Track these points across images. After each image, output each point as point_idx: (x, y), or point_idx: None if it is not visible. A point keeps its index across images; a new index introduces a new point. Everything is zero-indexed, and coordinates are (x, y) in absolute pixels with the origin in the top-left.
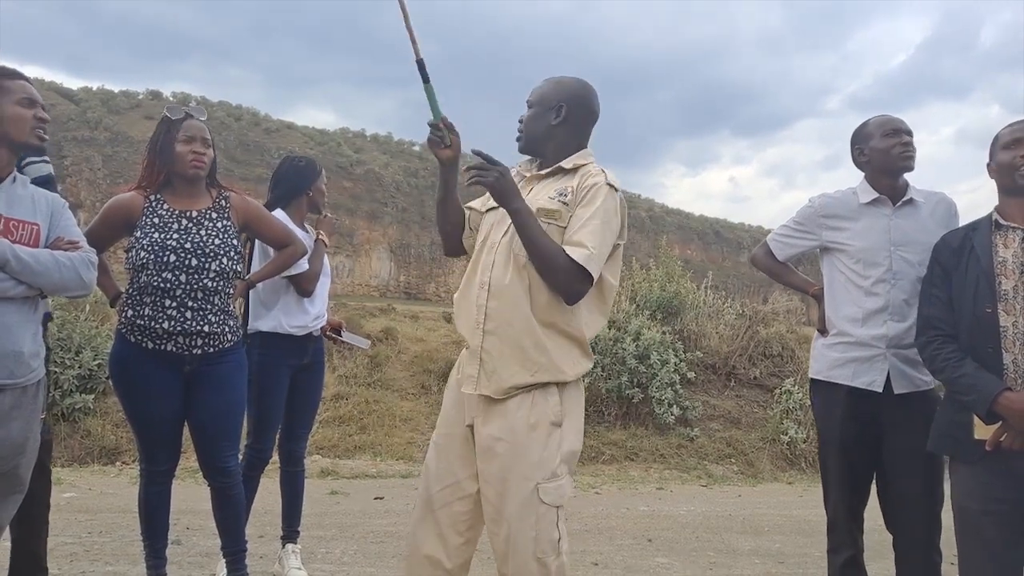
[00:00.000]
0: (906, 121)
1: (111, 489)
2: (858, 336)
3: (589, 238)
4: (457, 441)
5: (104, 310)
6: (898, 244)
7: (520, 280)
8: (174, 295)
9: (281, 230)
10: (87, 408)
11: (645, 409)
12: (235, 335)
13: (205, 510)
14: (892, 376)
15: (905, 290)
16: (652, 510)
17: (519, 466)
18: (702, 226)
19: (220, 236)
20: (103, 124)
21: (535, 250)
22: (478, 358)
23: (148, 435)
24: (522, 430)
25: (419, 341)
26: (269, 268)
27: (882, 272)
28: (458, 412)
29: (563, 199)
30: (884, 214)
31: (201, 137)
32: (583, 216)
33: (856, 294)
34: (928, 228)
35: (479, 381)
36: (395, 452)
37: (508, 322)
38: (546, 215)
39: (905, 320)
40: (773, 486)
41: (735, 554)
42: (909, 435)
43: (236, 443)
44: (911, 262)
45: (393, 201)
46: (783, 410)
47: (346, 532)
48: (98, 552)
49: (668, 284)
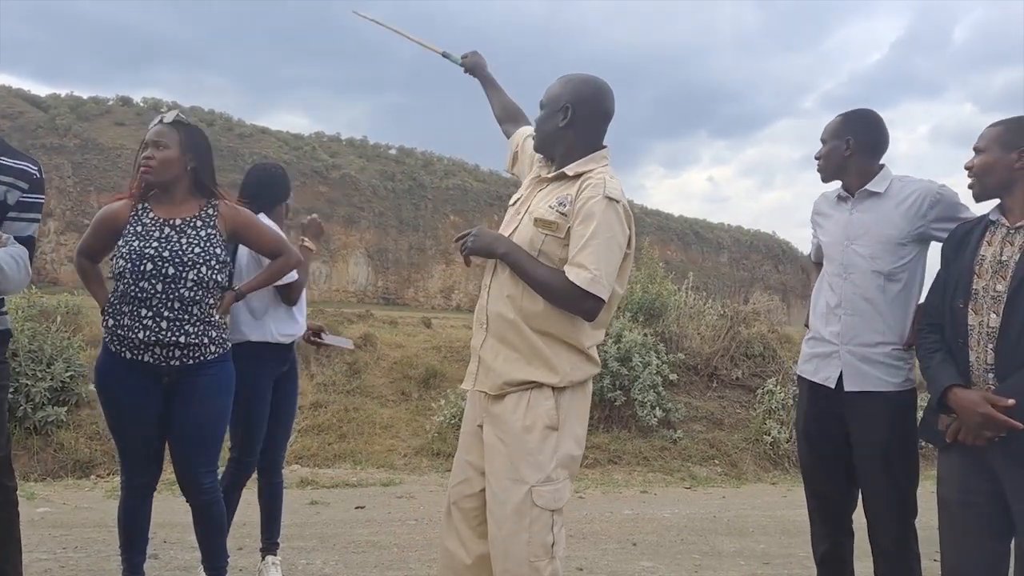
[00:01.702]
0: (823, 128)
1: (86, 503)
2: (821, 333)
3: (590, 260)
4: (472, 438)
5: (76, 320)
6: (852, 238)
7: (515, 288)
8: (150, 304)
9: (274, 239)
10: (59, 421)
11: (628, 412)
12: (219, 346)
13: (183, 523)
14: (844, 373)
15: (858, 284)
16: (636, 513)
17: (514, 468)
18: (682, 227)
19: (201, 245)
20: (72, 131)
21: (532, 283)
22: (478, 357)
23: (127, 447)
24: (517, 432)
25: (398, 347)
26: (262, 278)
27: (837, 267)
28: (472, 411)
29: (562, 209)
30: (846, 209)
31: (152, 141)
32: (583, 235)
33: (824, 289)
34: (891, 220)
35: (477, 377)
36: (375, 460)
37: (504, 326)
38: (544, 226)
39: (861, 316)
40: (757, 487)
41: (720, 556)
42: (870, 434)
43: (213, 458)
44: (862, 255)
45: (370, 205)
46: (766, 410)
47: (327, 542)
48: (73, 568)
49: (649, 286)
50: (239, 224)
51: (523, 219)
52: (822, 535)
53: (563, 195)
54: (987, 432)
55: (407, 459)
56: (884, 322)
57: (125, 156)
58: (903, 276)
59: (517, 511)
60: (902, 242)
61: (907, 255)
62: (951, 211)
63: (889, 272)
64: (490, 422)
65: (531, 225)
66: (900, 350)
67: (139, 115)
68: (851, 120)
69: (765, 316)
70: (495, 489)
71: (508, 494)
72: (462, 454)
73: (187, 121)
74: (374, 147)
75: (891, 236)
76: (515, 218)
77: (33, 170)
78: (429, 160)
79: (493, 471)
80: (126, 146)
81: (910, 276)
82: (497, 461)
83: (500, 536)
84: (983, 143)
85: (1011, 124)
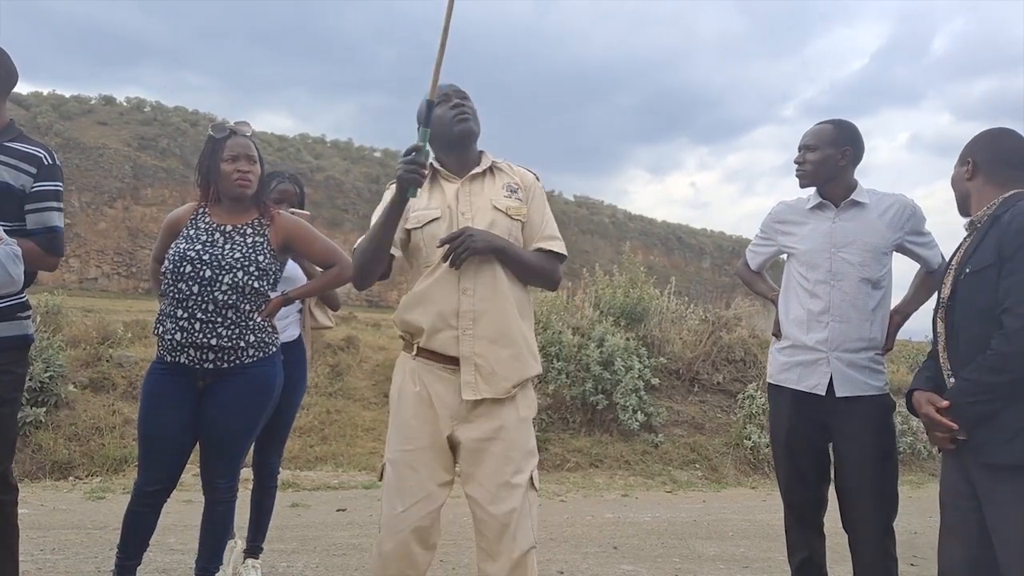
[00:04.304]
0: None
1: (64, 505)
2: (803, 340)
3: (555, 230)
4: (427, 454)
5: (56, 320)
6: (839, 246)
7: (502, 282)
8: (186, 306)
9: (326, 249)
10: (38, 422)
11: (610, 415)
12: (259, 349)
13: (163, 525)
14: (835, 379)
15: (847, 291)
16: (617, 517)
17: (515, 460)
18: (665, 232)
19: (242, 250)
20: (54, 130)
21: (527, 268)
22: (472, 364)
23: (148, 448)
24: (514, 425)
25: (381, 350)
26: (314, 287)
27: (822, 274)
28: (424, 424)
29: (518, 195)
30: (828, 217)
31: (246, 155)
32: (542, 211)
33: (803, 296)
34: (876, 229)
35: (478, 387)
36: (357, 463)
37: (499, 323)
38: (516, 212)
39: (848, 322)
40: (737, 491)
41: (700, 560)
42: (858, 438)
43: (233, 463)
44: (852, 263)
45: (354, 208)
46: (746, 415)
47: (308, 545)
48: (51, 570)
49: (632, 290)
50: (292, 234)
51: (490, 215)
52: (800, 543)
53: (504, 184)
54: (937, 433)
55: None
56: (869, 328)
57: (107, 155)
58: (885, 284)
59: (523, 501)
60: (885, 251)
61: (887, 264)
62: (920, 224)
63: (876, 280)
64: (474, 425)
65: (505, 217)
66: (880, 355)
67: (122, 115)
68: (846, 130)
69: (746, 322)
70: (491, 489)
71: (512, 488)
72: (414, 472)
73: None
74: (359, 149)
75: (877, 245)
76: (474, 218)
77: (42, 154)
78: None
79: (485, 473)
80: (108, 145)
81: (888, 284)
82: (489, 463)
83: (509, 529)
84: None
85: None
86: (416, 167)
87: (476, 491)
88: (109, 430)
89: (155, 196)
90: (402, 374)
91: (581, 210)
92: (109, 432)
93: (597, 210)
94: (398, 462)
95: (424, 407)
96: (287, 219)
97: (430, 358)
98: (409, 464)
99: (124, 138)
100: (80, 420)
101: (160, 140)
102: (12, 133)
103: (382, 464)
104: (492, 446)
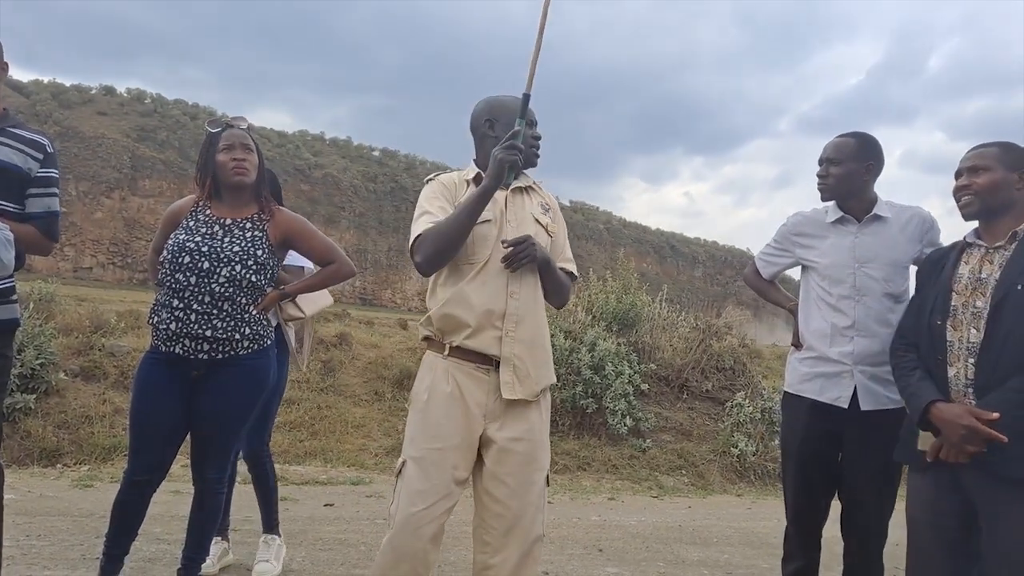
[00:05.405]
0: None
1: (51, 492)
2: (826, 352)
3: (570, 252)
4: (455, 453)
5: (49, 308)
6: (863, 261)
7: (539, 291)
8: (182, 296)
9: (325, 246)
10: (28, 408)
11: (599, 419)
12: (254, 342)
13: (151, 515)
14: (859, 393)
15: (871, 307)
16: (603, 520)
17: (535, 459)
18: (658, 240)
19: (241, 244)
20: (53, 118)
21: (557, 283)
22: (511, 365)
23: (138, 435)
24: (539, 427)
25: (373, 347)
26: (311, 282)
27: (846, 289)
28: (455, 423)
29: (549, 215)
30: (850, 232)
31: (241, 143)
32: (565, 233)
33: (825, 310)
34: (897, 244)
35: (515, 387)
36: (346, 459)
37: (535, 329)
38: (550, 230)
39: (874, 337)
40: (722, 498)
41: (684, 564)
42: (871, 452)
43: (224, 455)
44: (876, 278)
45: (351, 206)
46: (734, 423)
47: (295, 539)
48: (36, 556)
49: (624, 296)
50: (292, 231)
51: (532, 227)
52: (798, 553)
53: (539, 202)
54: (970, 447)
55: (378, 459)
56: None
57: (106, 145)
58: (905, 298)
59: (539, 497)
60: (906, 265)
61: (908, 277)
62: (937, 237)
63: (899, 294)
64: (507, 425)
65: (544, 232)
66: None
67: (122, 105)
68: (868, 144)
69: (737, 330)
70: (513, 486)
71: (532, 484)
72: (438, 471)
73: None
74: (357, 148)
75: (899, 260)
76: (519, 227)
77: (45, 142)
78: (412, 163)
79: (509, 470)
80: (107, 135)
81: (907, 297)
82: (515, 461)
83: (522, 522)
84: (985, 161)
85: (1007, 146)
86: (517, 151)
87: (497, 488)
88: (99, 419)
89: (153, 188)
90: (432, 373)
91: (576, 215)
92: (99, 421)
93: (592, 216)
94: (425, 460)
95: (456, 407)
96: (287, 215)
97: (464, 357)
98: (435, 462)
99: (123, 129)
100: (70, 408)
101: (159, 132)
102: (11, 120)
103: (401, 461)
104: (519, 446)
